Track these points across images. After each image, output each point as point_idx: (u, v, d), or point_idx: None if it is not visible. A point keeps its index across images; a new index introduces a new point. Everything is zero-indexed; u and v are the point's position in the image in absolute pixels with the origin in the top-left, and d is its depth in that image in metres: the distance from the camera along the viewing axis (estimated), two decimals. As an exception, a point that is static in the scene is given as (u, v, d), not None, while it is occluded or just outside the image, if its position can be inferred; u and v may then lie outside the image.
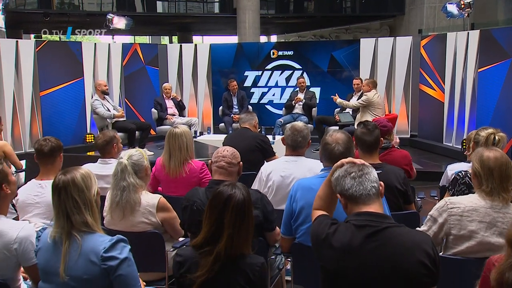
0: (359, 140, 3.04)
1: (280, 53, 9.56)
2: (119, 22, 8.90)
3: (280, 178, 3.18)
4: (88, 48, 8.44)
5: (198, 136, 7.60)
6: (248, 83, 9.69)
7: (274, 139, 6.37)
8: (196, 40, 20.68)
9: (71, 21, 12.60)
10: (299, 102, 8.09)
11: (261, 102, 9.68)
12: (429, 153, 7.90)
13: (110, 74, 8.75)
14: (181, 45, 9.99)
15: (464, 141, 6.73)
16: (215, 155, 2.73)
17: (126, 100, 9.07)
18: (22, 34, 15.27)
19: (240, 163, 2.76)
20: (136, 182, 2.70)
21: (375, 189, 1.84)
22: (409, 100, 8.80)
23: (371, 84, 7.32)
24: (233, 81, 8.68)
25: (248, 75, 9.69)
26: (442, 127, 7.96)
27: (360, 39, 9.42)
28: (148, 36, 23.00)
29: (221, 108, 8.66)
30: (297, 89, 8.35)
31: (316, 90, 8.93)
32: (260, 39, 14.03)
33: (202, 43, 16.46)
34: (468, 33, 7.44)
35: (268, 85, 9.66)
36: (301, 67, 9.44)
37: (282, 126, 7.69)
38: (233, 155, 2.73)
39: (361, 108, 7.26)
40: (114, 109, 7.45)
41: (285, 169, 3.20)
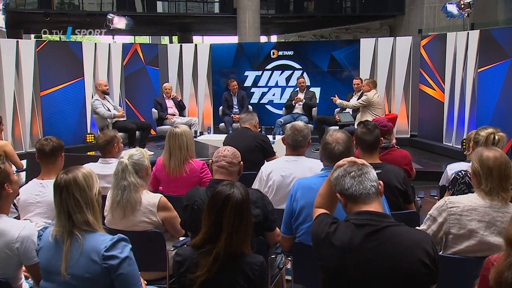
0: (359, 140, 3.05)
1: (280, 53, 9.57)
2: (119, 22, 8.91)
3: (281, 178, 3.19)
4: (89, 48, 8.45)
5: (198, 136, 7.61)
6: (248, 83, 9.69)
7: (274, 139, 6.38)
8: (196, 40, 20.67)
9: (71, 21, 12.60)
10: (299, 102, 8.10)
11: (261, 102, 9.69)
12: (429, 153, 7.91)
13: (111, 74, 8.75)
14: (181, 45, 9.99)
15: (464, 141, 6.74)
16: (216, 155, 2.74)
17: (127, 100, 9.08)
18: (22, 34, 15.26)
19: (241, 163, 2.77)
20: (137, 182, 2.71)
21: (375, 188, 1.85)
22: (409, 100, 8.81)
23: (371, 84, 7.33)
24: (233, 81, 8.69)
25: (248, 75, 9.70)
26: (442, 127, 7.97)
27: (360, 39, 9.42)
28: (148, 36, 22.99)
29: (221, 108, 8.67)
30: (297, 89, 8.35)
31: (316, 90, 8.93)
32: (260, 39, 14.04)
33: (202, 43, 16.46)
34: (468, 33, 7.45)
35: (268, 85, 9.66)
36: (301, 67, 9.45)
37: (282, 126, 7.70)
38: (234, 155, 2.74)
39: (361, 108, 7.26)
40: (115, 109, 7.46)
41: (286, 169, 3.20)
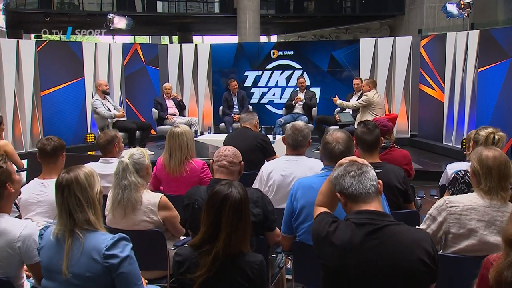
0: (359, 140, 3.06)
1: (280, 53, 9.57)
2: (120, 22, 8.92)
3: (281, 177, 3.19)
4: (89, 48, 8.46)
5: (199, 136, 7.61)
6: (248, 83, 9.70)
7: (274, 139, 6.39)
8: (196, 40, 20.68)
9: (72, 21, 12.61)
10: (299, 102, 8.10)
11: (261, 102, 9.69)
12: (429, 153, 7.91)
13: (111, 74, 8.76)
14: (182, 45, 9.99)
15: (464, 141, 6.75)
16: (217, 154, 2.74)
17: (127, 100, 9.09)
18: (23, 34, 15.27)
19: (241, 163, 2.78)
20: (138, 181, 2.72)
21: (374, 188, 1.85)
22: (409, 100, 8.81)
23: (371, 84, 7.34)
24: (234, 81, 8.69)
25: (248, 75, 9.70)
26: (442, 127, 7.97)
27: (360, 39, 9.42)
28: (148, 36, 23.00)
29: (222, 108, 8.68)
30: (297, 89, 8.36)
31: (316, 90, 8.94)
32: (260, 39, 14.04)
33: (203, 43, 16.47)
34: (468, 33, 7.45)
35: (268, 85, 9.66)
36: (301, 67, 9.45)
37: (282, 126, 7.71)
38: (235, 155, 2.74)
39: (361, 108, 7.27)
40: (115, 109, 7.47)
41: (286, 168, 3.21)
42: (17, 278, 2.17)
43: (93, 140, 8.17)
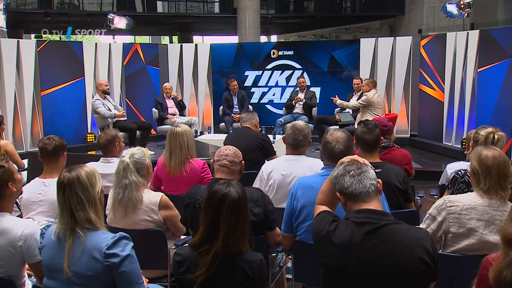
0: (360, 139, 3.06)
1: (280, 53, 9.58)
2: (120, 22, 8.93)
3: (281, 177, 3.20)
4: (89, 48, 8.46)
5: (199, 136, 7.62)
6: (249, 83, 9.71)
7: (275, 139, 6.39)
8: (196, 40, 20.68)
9: (72, 21, 12.62)
10: (299, 102, 8.11)
11: (262, 102, 9.70)
12: (429, 153, 7.92)
13: (111, 74, 8.77)
14: (182, 45, 10.00)
15: (464, 141, 6.75)
16: (218, 154, 2.75)
17: (127, 100, 9.10)
18: (23, 34, 15.28)
19: (242, 162, 2.78)
20: (138, 180, 2.73)
21: (374, 187, 1.86)
22: (409, 100, 8.82)
23: (371, 84, 7.34)
24: (234, 81, 8.70)
25: (249, 75, 9.71)
26: (442, 127, 7.98)
27: (360, 39, 9.43)
28: (148, 36, 23.00)
29: (222, 108, 8.69)
30: (297, 89, 8.36)
31: (316, 90, 8.95)
32: (260, 39, 14.04)
33: (203, 43, 16.47)
34: (468, 33, 7.46)
35: (269, 85, 9.67)
36: (301, 67, 9.46)
37: (282, 126, 7.71)
38: (236, 154, 2.75)
39: (361, 108, 7.28)
40: (115, 109, 7.47)
41: (286, 168, 3.22)
42: (19, 277, 2.18)
43: (93, 140, 8.18)
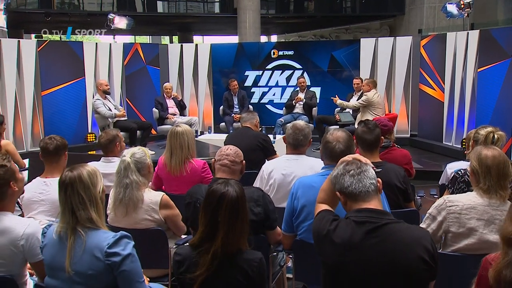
0: (360, 139, 3.07)
1: (281, 53, 9.59)
2: (120, 22, 8.94)
3: (282, 176, 3.21)
4: (89, 48, 8.47)
5: (199, 136, 7.63)
6: (249, 83, 9.71)
7: (275, 139, 6.40)
8: (197, 40, 20.68)
9: (72, 21, 12.63)
10: (300, 102, 8.12)
11: (262, 102, 9.71)
12: (429, 153, 7.92)
13: (111, 74, 8.78)
14: (182, 45, 10.01)
15: (464, 140, 6.76)
16: (219, 154, 2.75)
17: (127, 100, 9.11)
18: (23, 34, 15.29)
19: (243, 162, 2.79)
20: (139, 180, 2.74)
21: (374, 186, 1.87)
22: (409, 100, 8.83)
23: (371, 84, 7.35)
24: (234, 81, 8.71)
25: (249, 75, 9.72)
26: (442, 127, 7.99)
27: (360, 39, 9.43)
28: (149, 36, 23.01)
29: (222, 108, 8.70)
30: (298, 89, 8.37)
31: (317, 90, 8.96)
32: (261, 39, 14.04)
33: (203, 43, 16.47)
34: (468, 33, 7.46)
35: (269, 85, 9.68)
36: (302, 67, 9.47)
37: (283, 126, 7.72)
38: (237, 154, 2.75)
39: (361, 108, 7.29)
40: (116, 109, 7.48)
41: (286, 168, 3.22)
42: (21, 276, 2.18)
43: (94, 140, 8.20)
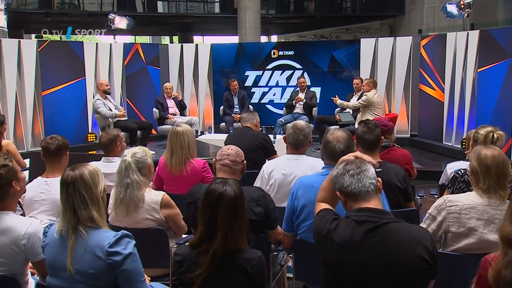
0: (360, 139, 3.08)
1: (281, 53, 9.59)
2: (121, 22, 8.95)
3: (282, 176, 3.21)
4: (90, 48, 8.48)
5: (199, 136, 7.64)
6: (249, 83, 9.72)
7: (275, 139, 6.41)
8: (197, 40, 20.69)
9: (72, 21, 12.63)
10: (300, 102, 8.13)
11: (262, 102, 9.71)
12: (429, 153, 7.93)
13: (112, 74, 8.79)
14: (182, 45, 10.02)
15: (464, 141, 6.77)
16: (220, 153, 2.76)
17: (128, 100, 9.12)
18: (23, 34, 15.29)
19: (244, 162, 2.79)
20: (140, 179, 2.75)
21: (374, 186, 1.87)
22: (409, 100, 8.83)
23: (371, 84, 7.36)
24: (234, 81, 8.72)
25: (249, 75, 9.72)
26: (442, 127, 7.99)
27: (361, 39, 9.44)
28: (149, 36, 23.01)
29: (222, 108, 8.71)
30: (298, 89, 8.38)
31: (317, 90, 8.96)
32: (261, 39, 14.05)
33: (203, 43, 16.48)
34: (468, 33, 7.47)
35: (269, 85, 9.69)
36: (302, 67, 9.47)
37: (283, 126, 7.73)
38: (238, 154, 2.76)
39: (362, 108, 7.30)
40: (116, 109, 7.49)
41: (287, 167, 3.23)
42: (22, 275, 2.19)
43: (94, 140, 8.21)
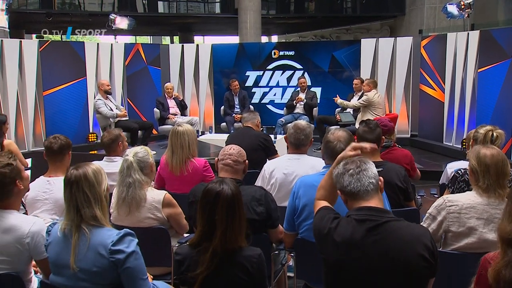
0: (361, 138, 3.10)
1: (281, 53, 9.61)
2: (122, 22, 8.96)
3: (283, 176, 3.23)
4: (91, 48, 8.50)
5: (200, 136, 7.65)
6: (250, 83, 9.73)
7: (276, 139, 6.42)
8: (197, 41, 20.71)
9: (73, 21, 12.65)
10: (300, 102, 8.14)
11: (263, 102, 9.72)
12: (429, 153, 7.94)
13: (113, 74, 8.80)
14: (183, 45, 10.02)
15: (464, 141, 6.78)
16: (222, 153, 2.77)
17: (129, 100, 9.13)
18: (24, 34, 15.31)
19: (246, 161, 2.80)
20: (142, 179, 2.76)
21: (373, 185, 1.88)
22: (410, 100, 8.84)
23: (372, 84, 7.37)
24: (235, 81, 8.73)
25: (250, 75, 9.74)
26: (442, 127, 8.00)
27: (361, 40, 9.44)
28: (149, 36, 23.03)
29: (223, 108, 8.72)
30: (298, 89, 8.39)
31: (317, 90, 8.97)
32: (261, 39, 14.06)
33: (204, 43, 16.49)
34: (468, 34, 7.48)
35: (269, 85, 9.70)
36: (302, 67, 9.49)
37: (283, 126, 7.75)
38: (239, 153, 2.77)
39: (362, 108, 7.31)
40: (117, 109, 7.51)
41: (288, 167, 3.25)
42: (26, 273, 2.21)
43: (95, 140, 8.22)
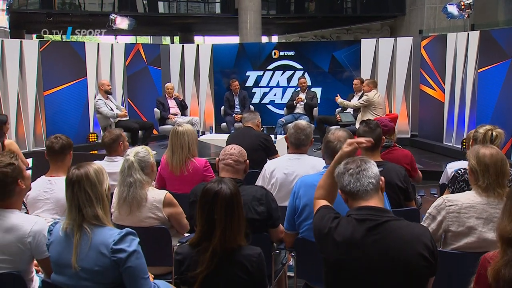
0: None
1: (282, 54, 9.61)
2: (122, 23, 8.96)
3: (283, 175, 3.24)
4: (91, 48, 8.51)
5: (200, 136, 7.66)
6: (250, 83, 9.74)
7: (276, 139, 6.42)
8: (198, 41, 20.72)
9: (73, 21, 12.66)
10: (301, 102, 8.14)
11: (263, 102, 9.73)
12: (430, 153, 7.94)
13: (113, 74, 8.80)
14: (183, 45, 10.02)
15: (464, 141, 6.79)
16: (223, 153, 2.78)
17: (129, 100, 9.14)
18: (25, 35, 15.31)
19: (247, 161, 2.81)
20: (143, 178, 2.77)
21: (373, 185, 1.88)
22: (410, 100, 8.84)
23: (372, 84, 7.38)
24: (235, 81, 8.73)
25: (250, 75, 9.74)
26: (442, 127, 8.00)
27: (361, 40, 9.44)
28: (150, 37, 23.03)
29: (223, 108, 8.73)
30: (299, 89, 8.40)
31: (317, 90, 8.98)
32: (262, 40, 14.06)
33: (204, 44, 16.49)
34: (468, 34, 7.48)
35: (270, 85, 9.71)
36: (302, 67, 9.49)
37: (284, 126, 7.76)
38: (240, 153, 2.77)
39: (362, 108, 7.32)
40: (117, 109, 7.52)
41: (288, 167, 3.26)
42: (27, 273, 2.21)
43: (96, 140, 8.23)
